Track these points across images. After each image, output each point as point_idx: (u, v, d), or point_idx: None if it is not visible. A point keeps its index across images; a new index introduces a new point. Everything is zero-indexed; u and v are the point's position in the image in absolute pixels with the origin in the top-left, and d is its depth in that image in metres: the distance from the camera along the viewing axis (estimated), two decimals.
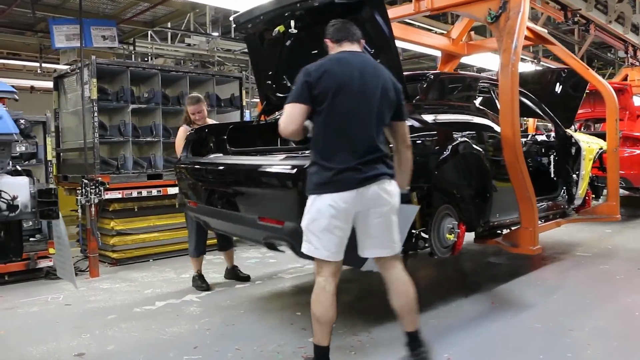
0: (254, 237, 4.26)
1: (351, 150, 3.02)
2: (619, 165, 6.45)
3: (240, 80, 7.99)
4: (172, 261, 6.76)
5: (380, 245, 3.15)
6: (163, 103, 7.25)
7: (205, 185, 4.49)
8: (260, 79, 5.15)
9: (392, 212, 3.12)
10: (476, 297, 4.82)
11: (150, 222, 6.96)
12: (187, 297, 5.06)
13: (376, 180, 3.03)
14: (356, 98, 3.04)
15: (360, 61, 3.16)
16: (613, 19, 11.16)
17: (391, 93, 3.16)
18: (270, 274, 5.94)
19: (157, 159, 7.15)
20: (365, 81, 3.08)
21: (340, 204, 2.98)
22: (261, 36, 4.81)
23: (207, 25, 17.12)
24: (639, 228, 8.79)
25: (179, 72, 7.55)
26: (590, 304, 4.59)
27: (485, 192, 4.63)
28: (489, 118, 4.99)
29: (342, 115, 3.03)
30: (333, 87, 3.01)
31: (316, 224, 3.03)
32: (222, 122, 6.45)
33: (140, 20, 12.35)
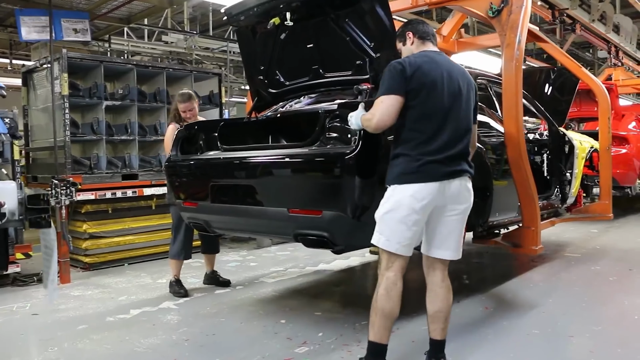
0: (279, 231, 4.03)
1: (439, 145, 2.98)
2: (611, 163, 6.34)
3: (220, 77, 7.71)
4: (148, 265, 6.46)
5: (446, 245, 3.11)
6: (139, 100, 6.95)
7: (213, 183, 4.25)
8: (252, 74, 4.94)
9: (467, 211, 3.13)
10: (468, 301, 4.61)
11: (125, 225, 6.66)
12: (164, 304, 4.77)
13: (460, 176, 3.04)
14: (447, 97, 3.02)
15: (446, 61, 3.16)
16: (596, 17, 11.16)
17: (473, 94, 3.21)
18: (252, 278, 5.67)
19: (132, 158, 6.84)
20: (454, 82, 3.07)
21: (422, 194, 2.93)
22: (254, 29, 4.62)
23: (185, 22, 16.81)
24: (624, 227, 8.72)
25: (155, 68, 7.24)
26: (588, 308, 4.42)
27: (485, 191, 4.50)
28: (487, 115, 4.87)
29: (434, 112, 3.00)
30: (427, 83, 2.98)
31: (393, 214, 2.97)
32: (212, 119, 6.17)
33: (115, 16, 12.00)
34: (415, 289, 3.67)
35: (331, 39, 4.19)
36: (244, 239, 7.74)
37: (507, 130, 4.66)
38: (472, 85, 3.20)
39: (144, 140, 7.01)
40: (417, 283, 3.18)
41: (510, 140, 4.63)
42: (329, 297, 4.92)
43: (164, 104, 7.11)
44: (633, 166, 8.99)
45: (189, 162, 4.49)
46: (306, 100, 4.95)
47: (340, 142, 3.42)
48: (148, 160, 7.00)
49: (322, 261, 6.36)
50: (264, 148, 4.19)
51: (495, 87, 5.28)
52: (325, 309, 4.50)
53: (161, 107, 7.13)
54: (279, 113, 4.92)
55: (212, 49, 17.96)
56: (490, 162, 4.58)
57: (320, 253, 6.67)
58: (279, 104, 5.03)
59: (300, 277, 5.68)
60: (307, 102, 4.92)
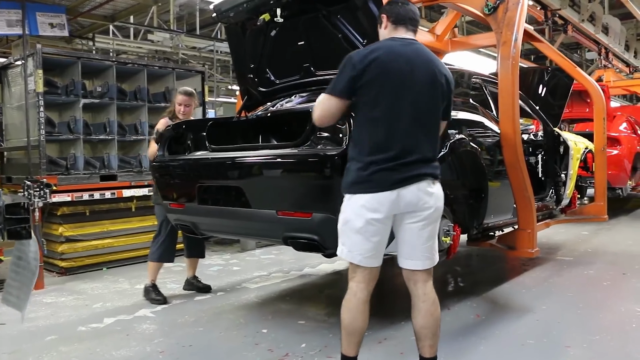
0: (269, 234, 3.93)
1: (390, 148, 2.73)
2: (606, 164, 6.23)
3: (203, 75, 7.47)
4: (127, 270, 6.22)
5: (415, 255, 2.86)
6: (119, 98, 6.69)
7: (200, 184, 4.12)
8: (242, 72, 4.79)
9: (434, 217, 2.85)
10: (459, 308, 4.42)
11: (104, 227, 6.41)
12: (140, 312, 4.54)
13: (416, 181, 2.75)
14: (404, 95, 2.76)
15: (413, 51, 2.84)
16: (586, 17, 11.12)
17: (442, 88, 2.87)
18: (234, 284, 5.45)
19: (111, 158, 6.59)
20: (414, 74, 2.78)
21: (374, 205, 2.72)
22: (243, 26, 4.49)
23: (171, 21, 16.56)
24: (615, 229, 8.59)
25: (136, 65, 6.98)
26: (583, 315, 4.24)
27: (480, 193, 4.40)
28: (483, 115, 4.75)
29: (385, 110, 2.75)
30: (379, 79, 2.74)
31: (350, 225, 2.80)
32: (201, 118, 5.98)
33: (99, 13, 11.77)
34: (403, 296, 3.45)
35: (323, 36, 4.07)
36: (227, 241, 7.52)
37: (504, 131, 4.56)
38: (443, 79, 2.86)
39: (123, 140, 6.76)
40: (404, 288, 2.95)
41: (507, 141, 4.53)
42: (314, 303, 4.72)
43: (145, 102, 6.88)
44: (624, 167, 8.91)
45: (176, 162, 4.35)
46: (297, 99, 4.82)
47: (331, 142, 3.31)
48: (128, 161, 6.75)
49: (307, 265, 6.16)
50: (253, 148, 4.07)
51: (490, 87, 5.17)
52: (310, 316, 4.29)
53: (142, 106, 6.89)
54: (269, 112, 4.78)
55: (198, 49, 17.75)
56: (485, 163, 4.46)
57: (306, 257, 6.47)
58: (269, 102, 4.90)
59: (284, 282, 5.47)
60: (299, 101, 4.79)
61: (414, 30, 2.94)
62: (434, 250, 2.90)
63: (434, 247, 2.90)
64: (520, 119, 5.65)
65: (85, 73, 6.51)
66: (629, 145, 9.08)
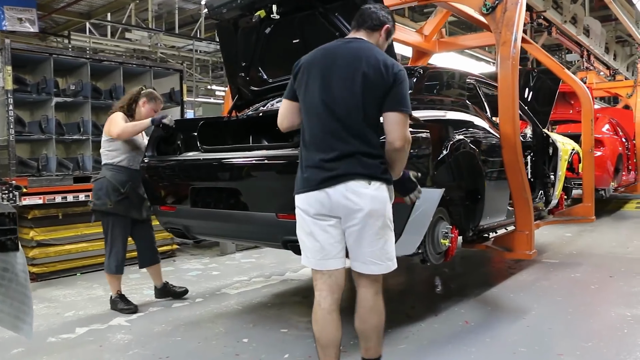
0: (267, 238, 3.79)
1: (317, 146, 2.69)
2: (594, 165, 6.20)
3: (181, 74, 7.25)
4: (102, 275, 5.84)
5: (358, 257, 2.72)
6: (93, 97, 6.44)
7: (194, 185, 4.02)
8: (233, 71, 4.66)
9: (369, 220, 2.62)
10: (447, 314, 4.28)
11: (78, 231, 6.16)
12: (115, 321, 4.33)
13: (342, 181, 2.61)
14: (323, 87, 2.69)
15: (346, 47, 2.77)
16: (568, 19, 11.16)
17: (377, 77, 2.63)
18: (213, 290, 5.26)
19: (85, 159, 6.35)
20: (336, 68, 2.69)
21: (305, 205, 2.70)
22: (236, 23, 4.36)
23: (150, 20, 16.30)
24: (598, 231, 8.56)
25: (111, 63, 6.73)
26: (574, 321, 4.13)
27: (477, 194, 4.36)
28: (479, 115, 4.70)
29: (310, 107, 2.73)
30: (305, 77, 2.76)
31: (298, 228, 2.79)
32: (192, 118, 5.81)
33: (74, 10, 11.49)
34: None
35: (319, 34, 3.89)
36: (206, 245, 7.32)
37: (504, 132, 4.54)
38: (372, 66, 2.63)
39: (98, 140, 6.46)
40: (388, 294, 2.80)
41: (507, 142, 4.51)
42: (296, 310, 4.54)
43: None
44: (607, 168, 8.91)
45: (167, 163, 4.21)
46: None
47: None
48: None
49: (289, 269, 5.99)
50: (248, 149, 3.95)
51: (484, 88, 5.13)
52: (292, 324, 4.12)
53: None
54: (261, 112, 4.64)
55: (177, 48, 17.49)
56: (483, 164, 4.41)
57: (288, 260, 6.31)
58: (260, 102, 4.77)
59: (266, 288, 5.29)
60: None
61: (367, 29, 2.85)
62: (385, 256, 2.70)
63: (384, 253, 2.69)
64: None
65: (58, 70, 6.27)
66: (611, 147, 9.08)
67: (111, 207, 4.46)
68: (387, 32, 2.88)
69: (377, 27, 2.84)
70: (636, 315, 4.16)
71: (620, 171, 9.75)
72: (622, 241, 7.59)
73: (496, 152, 4.62)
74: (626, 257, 6.49)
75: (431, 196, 3.47)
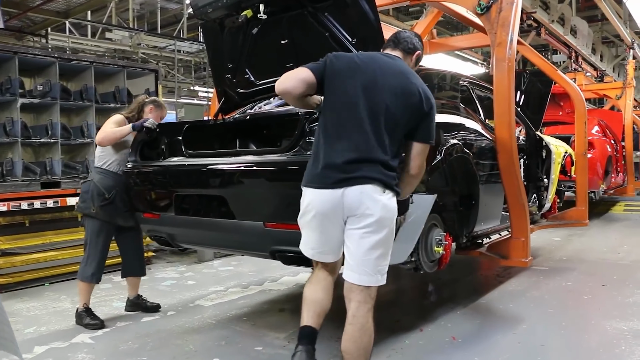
0: (254, 247, 3.66)
1: (343, 145, 2.66)
2: (587, 168, 6.06)
3: (156, 74, 6.94)
4: (71, 285, 5.60)
5: (353, 266, 2.67)
6: (62, 98, 6.12)
7: (178, 192, 3.89)
8: (219, 72, 4.50)
9: (378, 228, 2.61)
10: (433, 329, 4.03)
11: (46, 239, 5.86)
12: (78, 338, 4.03)
13: (359, 183, 2.61)
14: (367, 89, 2.69)
15: (388, 61, 2.84)
16: (555, 18, 11.02)
17: (418, 103, 2.73)
18: (187, 301, 4.97)
19: (54, 163, 6.02)
20: (384, 76, 2.73)
21: (316, 201, 2.67)
22: (222, 23, 4.20)
23: (130, 19, 15.97)
24: (587, 235, 8.39)
25: (81, 62, 6.40)
26: (568, 336, 3.89)
27: (471, 199, 4.27)
28: (472, 118, 4.58)
29: (346, 104, 2.71)
30: (343, 73, 2.73)
31: (303, 218, 2.78)
32: (176, 121, 5.59)
33: (51, 9, 11.17)
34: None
35: (308, 35, 3.81)
36: (183, 252, 7.02)
37: (499, 136, 4.47)
38: (417, 94, 2.73)
39: (68, 143, 6.22)
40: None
41: (503, 146, 4.43)
42: (273, 324, 4.27)
43: (92, 102, 6.33)
44: (597, 171, 8.79)
45: (150, 168, 4.09)
46: (276, 101, 4.50)
47: None
48: (73, 166, 6.21)
49: (268, 278, 5.72)
50: (234, 154, 3.83)
51: (477, 90, 5.07)
52: (267, 341, 3.85)
53: (88, 107, 6.34)
54: (249, 115, 4.46)
55: (159, 48, 17.16)
56: (477, 169, 4.32)
57: (267, 269, 6.05)
58: (247, 105, 4.60)
59: (242, 299, 5.01)
60: (278, 104, 4.47)
61: (402, 51, 2.97)
62: (377, 268, 2.65)
63: (378, 265, 2.65)
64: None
65: (24, 70, 5.94)
66: (601, 149, 8.99)
67: (94, 212, 4.28)
68: (418, 58, 3.03)
69: (411, 51, 2.98)
70: (633, 330, 3.93)
71: (610, 173, 9.63)
72: (612, 246, 7.41)
73: (490, 155, 4.53)
74: (618, 263, 6.29)
75: (424, 202, 3.34)
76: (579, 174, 6.33)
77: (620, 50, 18.57)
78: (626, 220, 10.27)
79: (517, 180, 4.47)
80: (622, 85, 11.53)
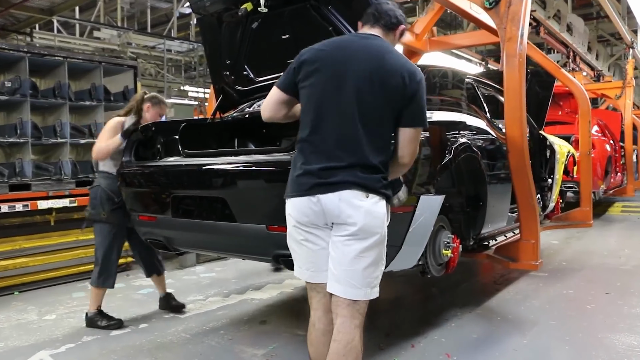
0: (256, 251, 3.49)
1: (317, 150, 2.40)
2: (592, 168, 5.84)
3: (135, 70, 6.58)
4: (43, 294, 5.35)
5: (337, 276, 2.40)
6: (33, 95, 5.76)
7: (175, 193, 3.71)
8: (217, 69, 4.36)
9: (362, 235, 2.34)
10: (425, 345, 3.69)
11: (16, 245, 5.55)
12: (37, 356, 3.67)
13: (337, 189, 2.34)
14: (335, 85, 2.40)
15: (362, 45, 2.49)
16: (551, 14, 10.78)
17: (399, 86, 2.38)
18: (162, 312, 4.62)
19: (24, 164, 5.65)
20: (353, 65, 2.41)
21: (295, 212, 2.45)
22: (220, 17, 4.07)
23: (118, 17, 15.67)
24: (586, 237, 8.10)
25: (54, 57, 6.01)
26: (574, 353, 3.55)
27: (478, 200, 4.17)
28: (479, 116, 4.50)
29: (314, 106, 2.43)
30: (311, 71, 2.45)
31: (289, 236, 2.55)
32: (172, 120, 5.32)
33: (35, 6, 10.85)
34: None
35: (310, 29, 3.67)
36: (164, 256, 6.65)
37: (510, 134, 4.35)
38: (399, 77, 2.38)
39: (39, 143, 5.86)
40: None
41: (514, 145, 4.32)
42: (252, 339, 3.93)
43: (66, 100, 5.97)
44: (597, 171, 8.56)
45: (146, 169, 3.93)
46: None
47: None
48: (45, 168, 5.85)
49: (251, 286, 5.39)
50: (234, 153, 3.65)
51: (482, 88, 4.98)
52: (245, 359, 3.51)
53: (62, 105, 5.98)
54: (248, 113, 4.29)
55: (149, 47, 16.85)
56: (485, 169, 4.20)
57: (250, 276, 5.74)
58: (247, 103, 4.43)
59: (222, 310, 4.67)
60: None
61: (383, 27, 2.59)
62: (365, 280, 2.38)
63: (366, 277, 2.38)
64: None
65: None
66: (601, 149, 8.79)
67: (104, 217, 4.21)
68: (402, 33, 2.67)
69: (394, 26, 2.60)
70: None
71: (609, 174, 9.39)
72: (612, 250, 7.11)
73: (498, 155, 4.46)
74: (620, 269, 5.98)
75: (432, 204, 3.18)
76: (583, 174, 6.26)
77: (615, 49, 18.36)
78: (625, 221, 9.98)
79: (528, 181, 4.35)
80: (622, 85, 11.27)
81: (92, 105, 6.20)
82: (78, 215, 5.95)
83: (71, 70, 6.07)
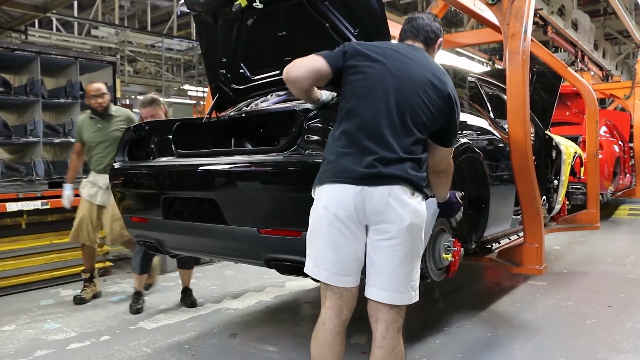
0: (248, 255, 3.41)
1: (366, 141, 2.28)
2: (599, 170, 5.64)
3: (114, 66, 6.29)
4: (12, 300, 5.09)
5: (380, 282, 2.31)
6: (5, 93, 5.53)
7: (165, 195, 3.64)
8: (212, 67, 4.26)
9: (407, 236, 2.27)
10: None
11: None
12: None
13: (387, 183, 2.26)
14: (392, 80, 2.36)
15: (417, 55, 2.49)
16: (555, 10, 10.47)
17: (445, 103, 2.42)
18: (129, 322, 4.34)
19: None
20: (409, 68, 2.40)
21: (332, 204, 2.28)
22: (215, 14, 3.97)
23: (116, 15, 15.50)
24: (590, 242, 7.75)
25: (25, 53, 5.74)
26: None
27: (480, 203, 4.04)
28: (482, 116, 4.36)
29: (368, 97, 2.35)
30: (371, 60, 2.40)
31: (315, 232, 2.37)
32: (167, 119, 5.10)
33: (27, 3, 10.63)
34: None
35: (307, 26, 3.58)
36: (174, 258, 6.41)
37: (513, 135, 4.26)
38: (452, 99, 2.44)
39: (9, 142, 5.59)
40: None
41: (517, 145, 4.23)
42: (218, 355, 3.62)
43: (39, 97, 5.70)
44: (605, 172, 8.24)
45: (137, 169, 3.87)
46: (274, 98, 4.16)
47: (321, 146, 2.84)
48: (15, 168, 5.58)
49: (229, 294, 5.09)
50: (227, 154, 3.56)
51: (485, 87, 4.82)
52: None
53: (34, 102, 5.71)
54: (244, 113, 4.12)
55: (148, 46, 16.65)
56: (487, 170, 4.07)
57: (229, 283, 5.44)
58: (243, 102, 4.28)
59: (192, 321, 4.36)
60: (276, 100, 4.13)
61: (424, 43, 2.61)
62: (410, 284, 2.34)
63: (410, 280, 2.34)
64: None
65: None
66: (609, 150, 8.49)
67: None
68: (440, 45, 2.68)
69: (432, 41, 2.63)
70: None
71: (618, 175, 9.08)
72: (617, 256, 6.73)
73: (501, 155, 4.35)
74: (625, 278, 5.62)
75: (432, 206, 2.95)
76: (591, 175, 6.09)
77: (623, 48, 17.96)
78: (631, 225, 9.60)
79: (532, 182, 4.26)
80: (631, 85, 10.92)
81: (67, 103, 5.92)
82: (52, 217, 5.69)
83: (46, 66, 5.82)
